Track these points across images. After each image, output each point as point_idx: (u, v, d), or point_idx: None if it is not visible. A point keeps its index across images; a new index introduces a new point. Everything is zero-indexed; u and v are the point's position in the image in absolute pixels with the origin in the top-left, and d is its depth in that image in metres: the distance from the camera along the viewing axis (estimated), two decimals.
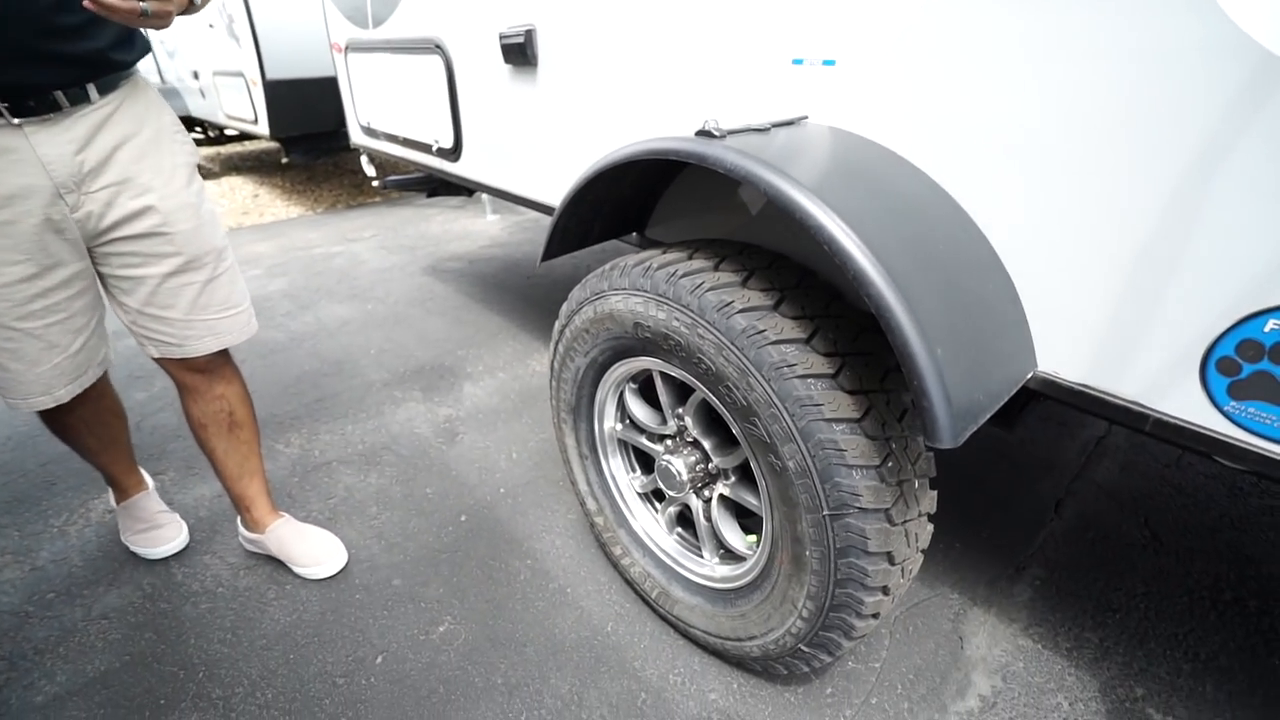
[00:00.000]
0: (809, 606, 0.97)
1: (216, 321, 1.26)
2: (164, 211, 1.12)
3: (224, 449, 1.42)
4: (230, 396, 1.38)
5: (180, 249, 1.16)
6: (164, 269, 1.16)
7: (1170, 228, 0.74)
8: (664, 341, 1.03)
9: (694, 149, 0.86)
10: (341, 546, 1.52)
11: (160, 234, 1.13)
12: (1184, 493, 1.75)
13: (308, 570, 1.48)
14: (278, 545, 1.49)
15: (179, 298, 1.19)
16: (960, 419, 0.75)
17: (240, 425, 1.42)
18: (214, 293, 1.23)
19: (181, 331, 1.22)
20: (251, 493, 1.49)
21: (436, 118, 2.04)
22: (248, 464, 1.47)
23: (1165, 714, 1.20)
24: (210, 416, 1.37)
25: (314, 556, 1.49)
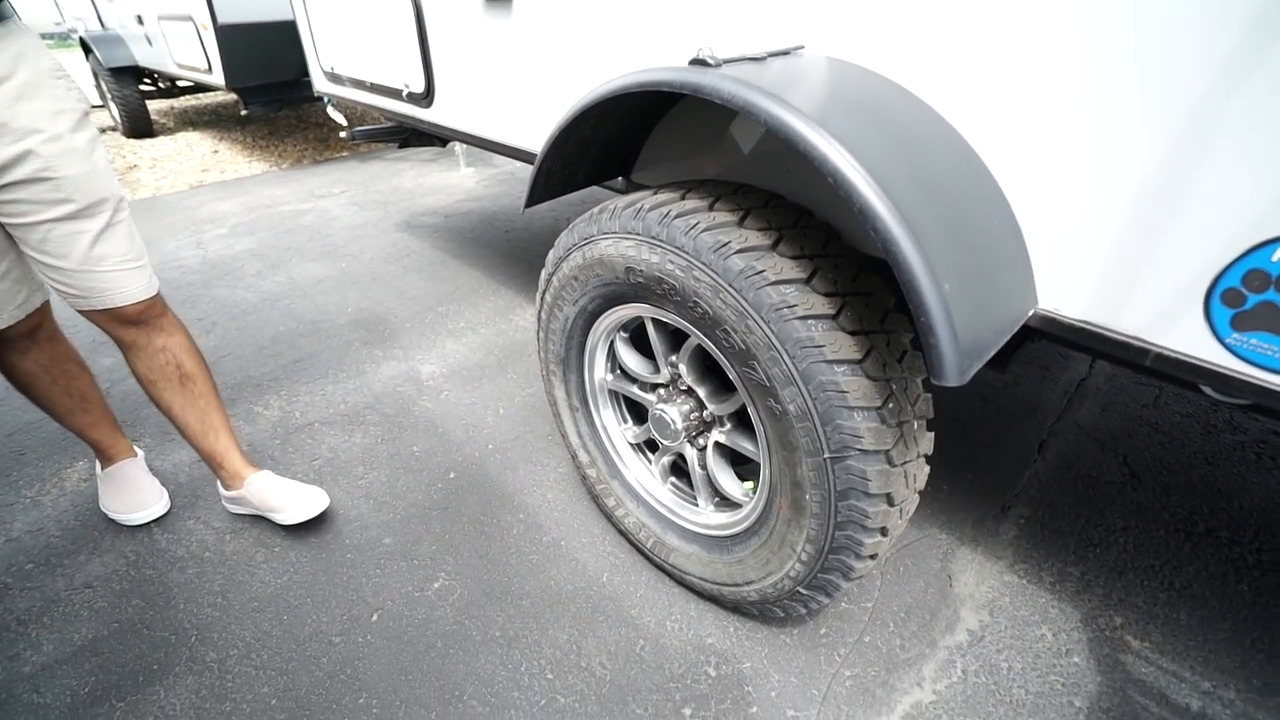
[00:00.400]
0: (808, 550, 0.98)
1: (116, 274, 1.20)
2: (46, 156, 1.07)
3: (180, 404, 1.39)
4: (173, 348, 1.34)
5: (69, 195, 1.11)
6: (52, 215, 1.11)
7: (1179, 157, 0.72)
8: (657, 286, 0.99)
9: (688, 79, 0.81)
10: (323, 493, 1.49)
11: (44, 179, 1.08)
12: (1161, 431, 1.79)
13: (289, 515, 1.43)
14: (258, 497, 1.45)
15: (72, 246, 1.14)
16: (966, 356, 0.74)
17: (191, 378, 1.38)
18: (110, 243, 1.18)
19: (81, 282, 1.18)
20: (220, 448, 1.45)
21: (405, 60, 1.93)
22: (209, 418, 1.42)
23: (1142, 640, 1.25)
24: (157, 371, 1.34)
25: (294, 501, 1.45)
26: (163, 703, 1.14)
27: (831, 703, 1.14)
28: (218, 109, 6.26)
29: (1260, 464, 1.67)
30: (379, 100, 2.23)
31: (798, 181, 1.10)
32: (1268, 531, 1.47)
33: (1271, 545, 1.44)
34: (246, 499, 1.47)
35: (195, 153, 4.78)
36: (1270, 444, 1.73)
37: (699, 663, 1.20)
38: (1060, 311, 0.87)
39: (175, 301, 2.51)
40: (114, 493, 1.52)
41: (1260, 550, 1.43)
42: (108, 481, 1.53)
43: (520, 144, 1.62)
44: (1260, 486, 1.60)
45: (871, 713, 1.12)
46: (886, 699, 1.15)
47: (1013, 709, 1.13)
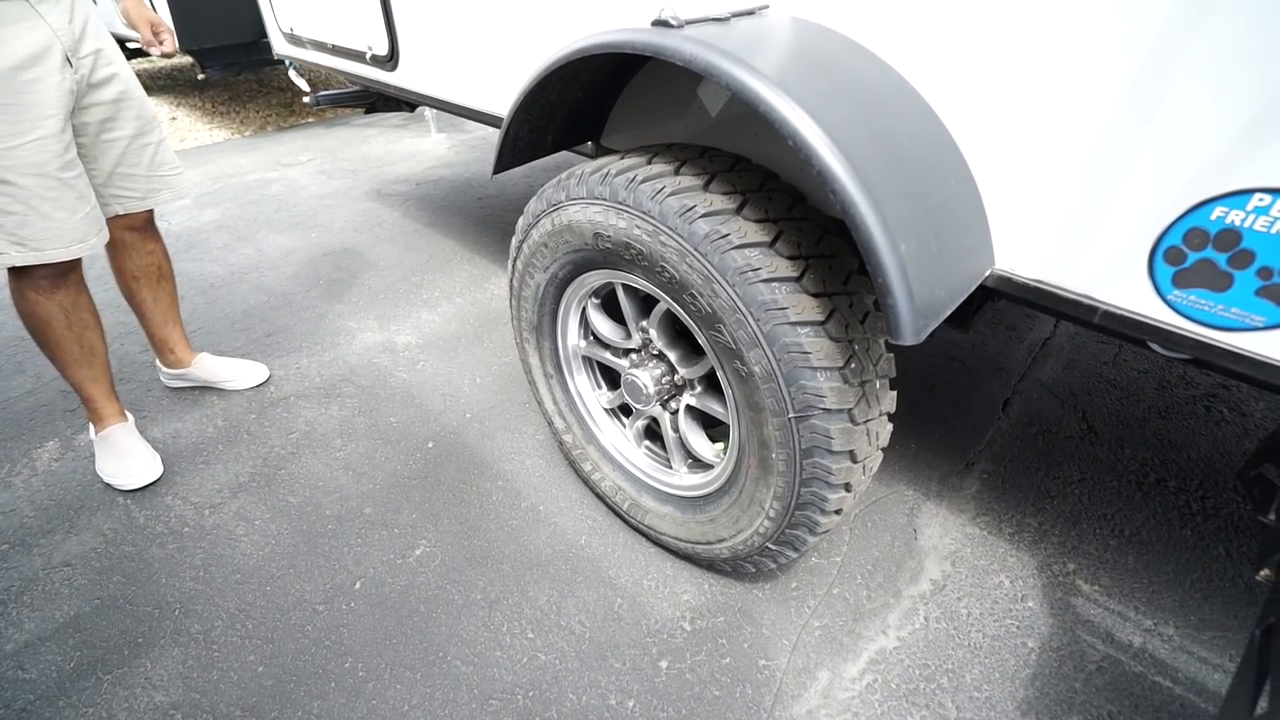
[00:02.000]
0: (775, 507, 1.01)
1: (169, 177, 1.54)
2: (125, 79, 1.39)
3: (152, 298, 1.66)
4: (159, 251, 1.64)
5: (139, 113, 1.43)
6: (130, 130, 1.42)
7: (1127, 118, 0.74)
8: (625, 251, 1.00)
9: (650, 40, 0.81)
10: (263, 366, 1.88)
11: (128, 99, 1.39)
12: (1118, 387, 1.86)
13: (238, 382, 1.83)
14: (206, 372, 1.80)
15: (142, 156, 1.46)
16: (922, 316, 0.76)
17: (166, 277, 1.68)
18: (165, 152, 1.52)
19: (145, 186, 1.49)
20: (175, 336, 1.75)
21: (367, 20, 1.87)
22: (170, 311, 1.72)
23: (1092, 584, 1.32)
24: (142, 270, 1.62)
25: (242, 371, 1.84)
26: (150, 674, 1.16)
27: (801, 651, 1.19)
28: (173, 72, 5.99)
29: (1209, 417, 1.75)
30: (342, 63, 2.17)
31: (764, 145, 1.10)
32: (1211, 480, 1.55)
33: (1214, 493, 1.51)
34: (194, 375, 1.80)
35: None
36: (1219, 397, 1.81)
37: (675, 619, 1.25)
38: (1016, 271, 0.89)
39: None
40: (109, 457, 1.55)
41: (1204, 498, 1.50)
42: (103, 446, 1.57)
43: (487, 109, 1.59)
44: (1208, 438, 1.67)
45: (838, 659, 1.18)
46: (853, 646, 1.20)
47: (971, 651, 1.20)
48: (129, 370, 1.95)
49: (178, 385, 1.83)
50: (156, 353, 1.78)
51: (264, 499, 1.50)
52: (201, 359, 1.81)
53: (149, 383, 1.89)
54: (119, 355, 2.01)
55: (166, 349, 1.75)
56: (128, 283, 1.62)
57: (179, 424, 1.74)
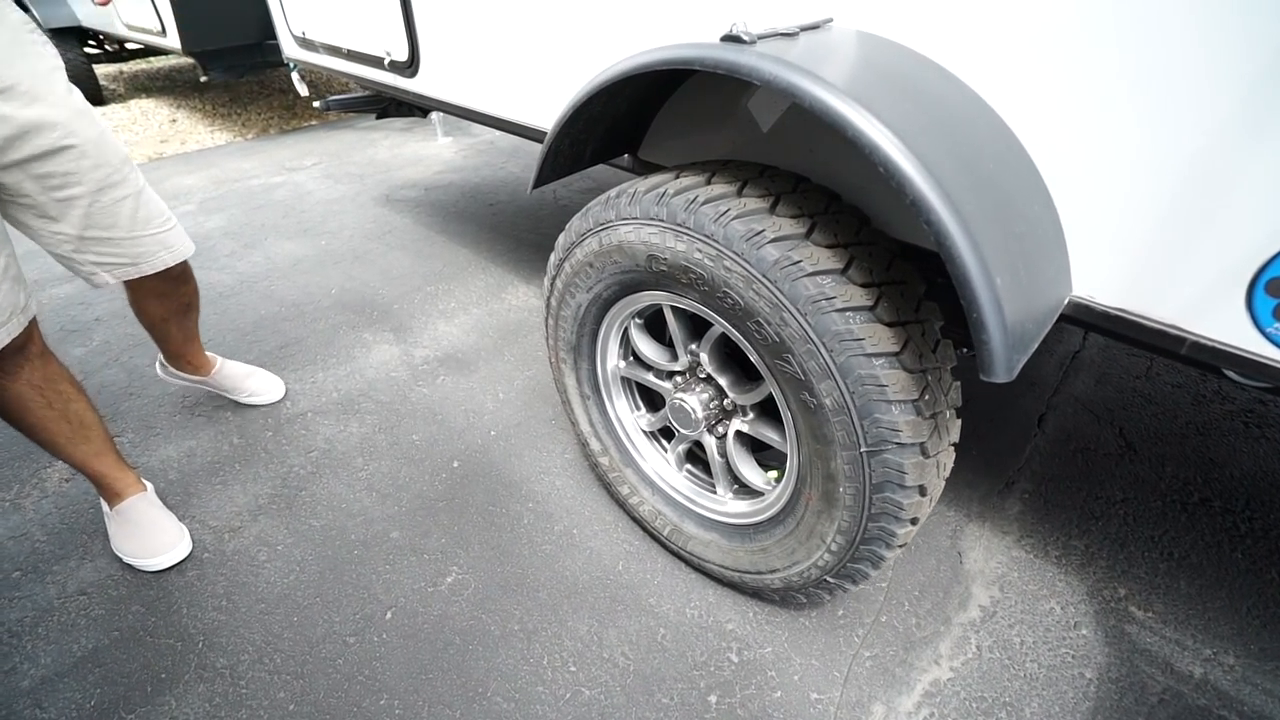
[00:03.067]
0: (839, 541, 0.97)
1: (163, 235, 1.25)
2: (62, 121, 1.01)
3: (175, 328, 1.53)
4: (190, 292, 1.47)
5: (97, 160, 1.09)
6: (88, 185, 1.09)
7: (1229, 142, 0.70)
8: (683, 275, 0.95)
9: (724, 57, 0.76)
10: (281, 382, 1.81)
11: (69, 146, 1.03)
12: (1154, 402, 1.83)
13: (258, 398, 1.75)
14: (228, 382, 1.72)
15: (117, 215, 1.15)
16: (1014, 351, 0.72)
17: (193, 308, 1.54)
18: (150, 204, 1.22)
19: (133, 250, 1.20)
20: (192, 351, 1.64)
21: (387, 24, 1.81)
22: (193, 331, 1.60)
23: (1146, 610, 1.29)
24: (172, 310, 1.47)
25: (264, 387, 1.76)
26: (174, 713, 1.10)
27: (853, 684, 1.15)
28: (172, 74, 5.91)
29: (1248, 433, 1.72)
30: (357, 68, 2.11)
31: (821, 162, 1.06)
32: (1258, 500, 1.52)
33: (1262, 514, 1.48)
34: (212, 383, 1.71)
35: (151, 122, 4.52)
36: (1257, 413, 1.78)
37: (721, 649, 1.20)
38: (1095, 299, 0.86)
39: None
40: (128, 534, 1.35)
41: (1252, 519, 1.47)
42: (120, 522, 1.37)
43: (523, 120, 1.54)
44: (1249, 455, 1.65)
45: (892, 692, 1.14)
46: (906, 678, 1.17)
47: (1027, 682, 1.16)
48: (138, 384, 1.89)
49: (179, 383, 1.74)
50: (168, 360, 1.67)
51: (285, 522, 1.45)
52: (221, 367, 1.73)
53: (160, 397, 1.83)
54: (127, 368, 1.95)
55: (185, 360, 1.66)
56: (152, 320, 1.48)
57: (193, 441, 1.68)
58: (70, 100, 1.03)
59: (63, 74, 1.03)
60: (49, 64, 1.00)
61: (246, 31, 3.51)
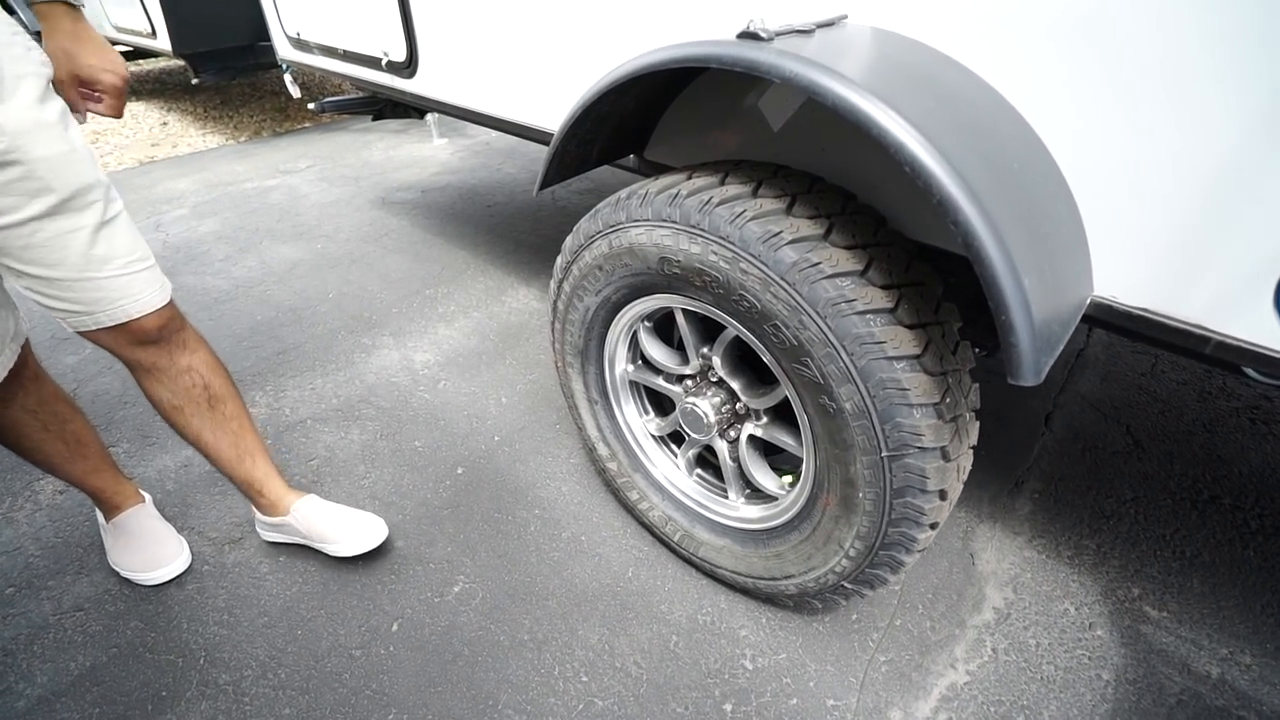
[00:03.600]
0: (857, 546, 0.95)
1: (125, 279, 0.98)
2: (10, 133, 0.83)
3: (210, 430, 1.20)
4: (199, 367, 1.15)
5: (48, 183, 0.88)
6: (33, 211, 0.88)
7: (1257, 139, 0.69)
8: (696, 278, 0.94)
9: (742, 55, 0.74)
10: (379, 521, 1.35)
11: (11, 163, 0.84)
12: (1159, 399, 1.83)
13: (344, 546, 1.30)
14: (305, 524, 1.31)
15: (65, 250, 0.92)
16: (1042, 353, 0.71)
17: (221, 399, 1.20)
18: (112, 240, 0.96)
19: (83, 294, 0.95)
20: (259, 474, 1.29)
21: (384, 24, 1.79)
22: (243, 441, 1.25)
23: (1160, 610, 1.28)
24: (183, 396, 1.14)
25: (349, 531, 1.31)
26: None
27: (870, 689, 1.14)
28: (162, 76, 5.84)
29: (1255, 430, 1.71)
30: (353, 69, 2.08)
31: (833, 162, 1.04)
32: (1267, 497, 1.51)
33: (1272, 510, 1.48)
34: (292, 527, 1.32)
35: (141, 125, 4.46)
36: (1263, 409, 1.78)
37: (735, 656, 1.19)
38: (1117, 299, 0.84)
39: None
40: (125, 546, 1.31)
41: (1262, 516, 1.47)
42: (117, 534, 1.33)
43: (527, 120, 1.52)
44: (1257, 452, 1.64)
45: (909, 697, 1.13)
46: (922, 682, 1.15)
47: (1044, 685, 1.15)
48: (133, 393, 1.85)
49: (273, 538, 1.39)
50: (245, 496, 1.34)
51: None
52: (300, 508, 1.32)
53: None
54: (121, 377, 1.92)
55: (254, 491, 1.30)
56: (171, 416, 1.18)
57: (189, 452, 1.65)
58: (33, 112, 0.86)
59: (37, 82, 0.88)
60: (19, 69, 0.86)
61: (239, 33, 3.47)
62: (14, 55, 0.87)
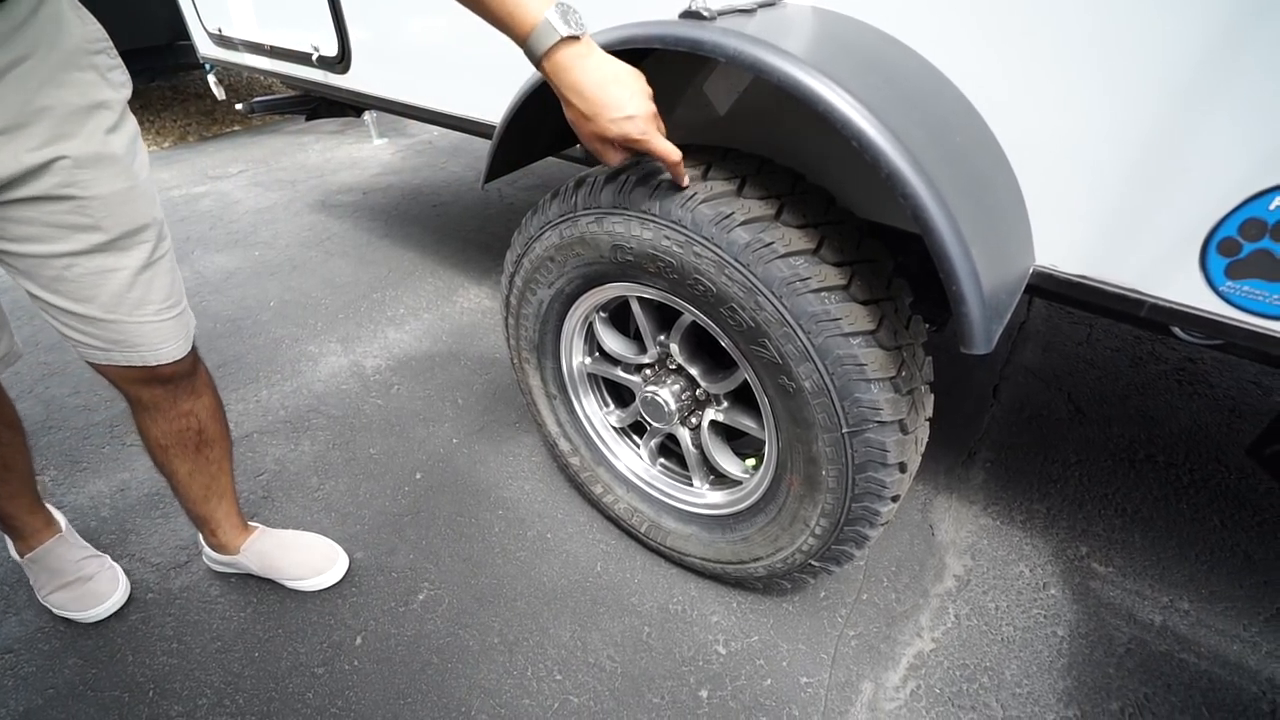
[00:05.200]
0: (823, 524, 0.97)
1: (156, 326, 0.92)
2: (74, 166, 0.78)
3: (188, 471, 1.13)
4: (200, 412, 1.08)
5: (98, 221, 0.82)
6: (72, 246, 0.82)
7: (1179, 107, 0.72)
8: (650, 264, 0.93)
9: (685, 34, 0.74)
10: (338, 548, 1.31)
11: (66, 197, 0.78)
12: (1096, 366, 1.92)
13: (306, 583, 1.26)
14: (260, 561, 1.25)
15: (99, 289, 0.85)
16: (992, 322, 0.72)
17: (210, 443, 1.13)
18: (152, 285, 0.90)
19: (108, 334, 0.89)
20: (219, 514, 1.22)
21: (312, 16, 1.71)
22: (216, 484, 1.18)
23: (1106, 565, 1.34)
24: (174, 437, 1.07)
25: (310, 565, 1.26)
26: None
27: (841, 664, 1.16)
28: None
29: (1183, 390, 1.82)
30: (282, 66, 1.99)
31: (781, 143, 1.05)
32: (1196, 452, 1.61)
33: (1201, 465, 1.57)
34: (243, 564, 1.26)
35: None
36: (1188, 371, 1.89)
37: (707, 642, 1.19)
38: (1057, 267, 0.87)
39: None
40: (51, 582, 1.22)
41: (1193, 470, 1.56)
42: (39, 569, 1.23)
43: (468, 114, 1.47)
44: (1185, 411, 1.74)
45: (879, 668, 1.15)
46: (891, 653, 1.18)
47: (1005, 646, 1.19)
48: (58, 416, 1.74)
49: (224, 571, 1.31)
50: (196, 527, 1.26)
51: None
52: (252, 543, 1.26)
53: (84, 429, 1.69)
54: (44, 400, 1.79)
55: (209, 528, 1.23)
56: (154, 450, 1.10)
57: (126, 474, 1.55)
58: (99, 144, 0.80)
59: (114, 111, 0.82)
60: (98, 96, 0.79)
61: (153, 32, 3.28)
62: (91, 79, 0.79)
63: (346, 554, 1.32)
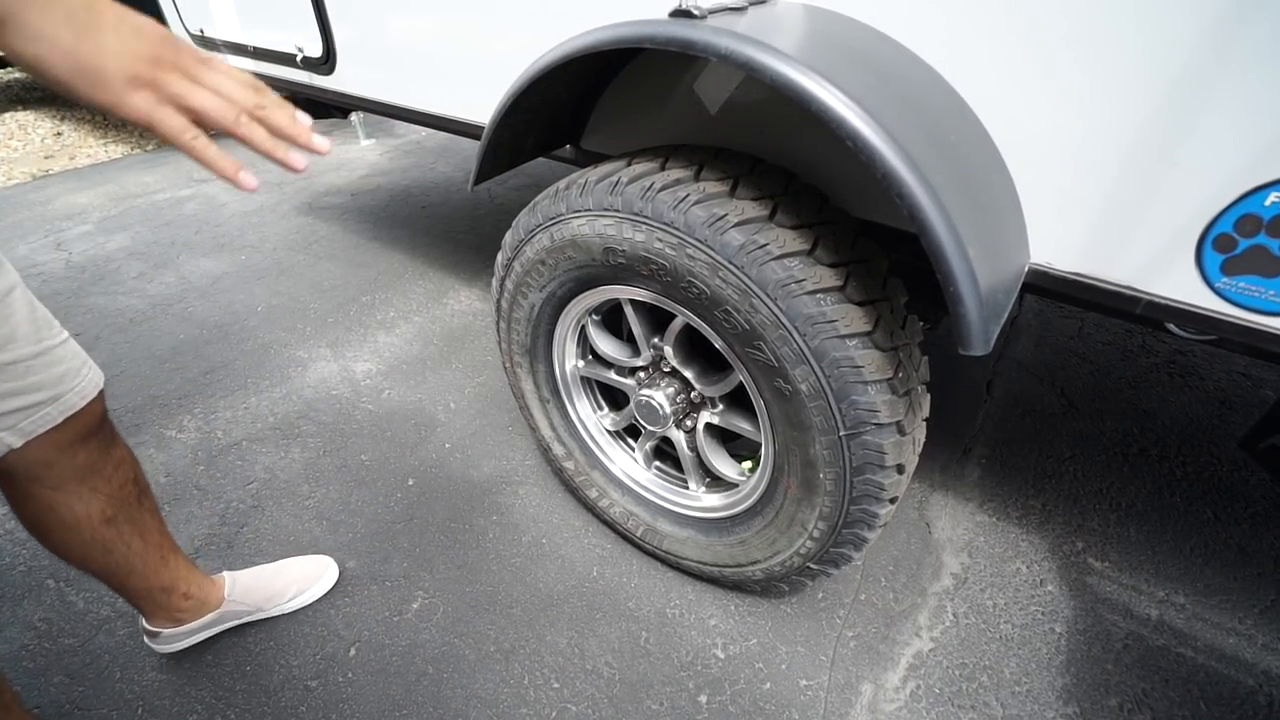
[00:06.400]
0: (821, 527, 0.96)
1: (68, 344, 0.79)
2: None
3: (139, 535, 0.96)
4: (127, 455, 0.93)
5: None
6: None
7: (1174, 104, 0.71)
8: (642, 266, 0.91)
9: (676, 34, 0.72)
10: (322, 557, 1.28)
11: None
12: (1088, 360, 1.92)
13: (299, 600, 1.21)
14: (252, 596, 1.17)
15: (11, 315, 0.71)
16: (990, 322, 0.72)
17: (145, 488, 0.98)
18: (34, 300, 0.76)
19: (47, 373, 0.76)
20: (184, 569, 1.06)
21: (296, 16, 1.68)
22: (166, 534, 1.03)
23: (1102, 560, 1.34)
24: (118, 498, 0.91)
25: (297, 583, 1.21)
26: None
27: (840, 666, 1.15)
28: None
29: (1174, 383, 1.82)
30: (265, 68, 1.95)
31: (773, 142, 1.04)
32: (1188, 445, 1.61)
33: (1193, 457, 1.58)
34: (231, 612, 1.15)
35: (32, 136, 4.10)
36: (1179, 364, 1.90)
37: (706, 646, 1.18)
38: (1052, 265, 0.87)
39: None
40: None
41: (1185, 463, 1.56)
42: None
43: (456, 114, 1.45)
44: (1176, 403, 1.75)
45: (878, 669, 1.15)
46: (889, 654, 1.17)
47: (1003, 644, 1.19)
48: None
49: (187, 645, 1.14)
50: (149, 613, 1.07)
51: (227, 563, 1.33)
52: (235, 586, 1.15)
53: None
54: None
55: (177, 594, 1.06)
56: (97, 533, 0.90)
57: None
58: None
59: None
60: None
61: None
62: None
63: (336, 563, 1.29)
